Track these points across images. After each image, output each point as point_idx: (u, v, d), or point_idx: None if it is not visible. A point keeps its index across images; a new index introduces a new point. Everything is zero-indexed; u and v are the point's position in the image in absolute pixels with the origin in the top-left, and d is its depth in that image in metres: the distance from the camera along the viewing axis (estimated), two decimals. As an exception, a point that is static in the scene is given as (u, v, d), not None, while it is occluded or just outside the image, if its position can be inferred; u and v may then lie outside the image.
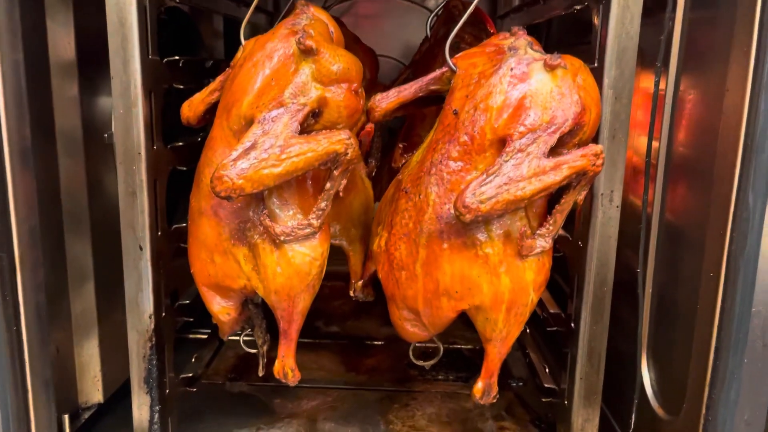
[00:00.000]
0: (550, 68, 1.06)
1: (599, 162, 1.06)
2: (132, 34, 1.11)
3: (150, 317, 1.22)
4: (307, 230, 1.13)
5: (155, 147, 1.21)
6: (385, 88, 2.18)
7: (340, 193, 1.14)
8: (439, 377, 1.78)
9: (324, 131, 1.10)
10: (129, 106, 1.14)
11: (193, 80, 1.39)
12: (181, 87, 1.30)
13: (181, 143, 1.31)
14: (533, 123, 1.05)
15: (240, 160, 1.04)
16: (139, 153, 1.15)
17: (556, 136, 1.05)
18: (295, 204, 1.14)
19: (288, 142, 1.06)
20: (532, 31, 1.99)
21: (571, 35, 1.73)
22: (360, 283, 1.42)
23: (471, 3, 1.52)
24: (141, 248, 1.19)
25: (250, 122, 1.09)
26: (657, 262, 1.28)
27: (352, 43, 1.54)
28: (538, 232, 1.11)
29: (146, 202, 1.17)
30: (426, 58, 1.52)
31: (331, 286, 1.91)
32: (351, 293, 1.48)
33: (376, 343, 1.99)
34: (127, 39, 1.11)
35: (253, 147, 1.05)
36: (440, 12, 1.55)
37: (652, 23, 1.16)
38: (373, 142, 1.57)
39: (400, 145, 1.28)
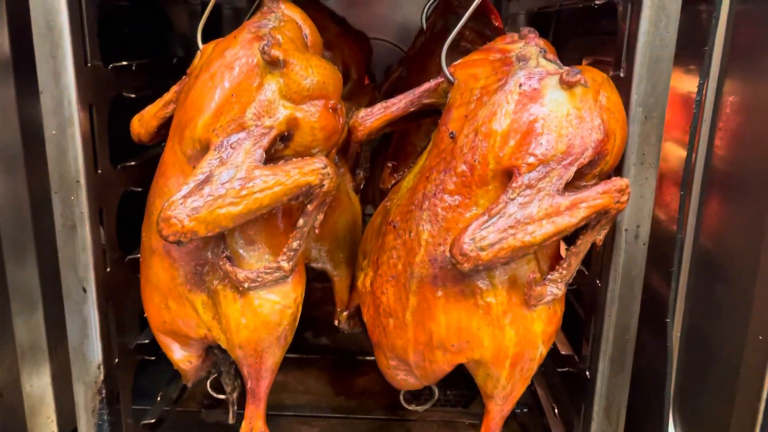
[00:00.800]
0: (568, 86, 0.87)
1: (624, 199, 0.88)
2: (63, 40, 0.92)
3: (99, 367, 1.05)
4: (277, 274, 0.95)
5: (99, 171, 1.03)
6: (379, 77, 2.01)
7: (316, 230, 0.97)
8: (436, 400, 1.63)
9: (295, 160, 0.91)
10: (63, 125, 0.95)
11: (155, 84, 1.20)
12: (133, 96, 1.11)
13: (134, 162, 1.13)
14: (546, 153, 0.86)
15: (191, 197, 0.86)
16: (78, 181, 0.97)
17: (573, 169, 0.87)
18: (263, 242, 0.97)
19: (250, 174, 0.88)
20: (541, 20, 1.79)
21: (586, 25, 1.52)
22: (345, 313, 1.26)
23: (473, -9, 1.32)
24: (84, 290, 1.02)
25: (205, 147, 0.91)
26: (689, 297, 1.10)
27: (338, 27, 1.34)
28: (549, 277, 0.94)
29: (89, 237, 1.00)
30: (421, 55, 1.32)
31: (323, 288, 1.74)
32: (336, 323, 1.32)
33: (368, 358, 1.83)
34: (58, 45, 0.92)
35: (207, 180, 0.87)
36: (437, 1, 1.35)
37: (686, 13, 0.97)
38: (362, 151, 1.38)
39: (389, 164, 1.10)
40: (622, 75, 0.96)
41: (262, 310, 0.96)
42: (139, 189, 1.14)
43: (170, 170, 0.95)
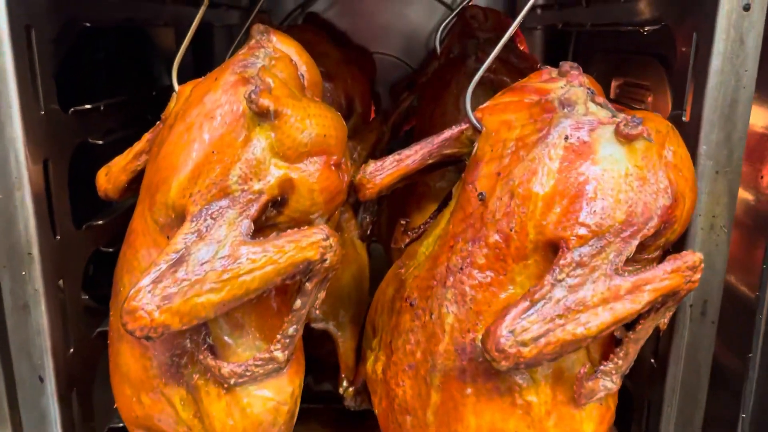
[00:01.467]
0: (626, 139, 0.70)
1: (697, 277, 0.71)
2: (6, 85, 0.75)
3: (60, 468, 0.89)
4: (270, 366, 0.78)
5: (59, 237, 0.86)
6: (383, 94, 1.84)
7: (317, 311, 0.80)
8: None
9: (290, 231, 0.74)
10: (10, 188, 0.79)
11: (132, 123, 1.03)
12: (100, 142, 0.95)
13: (101, 222, 0.96)
14: (600, 223, 0.70)
15: (162, 282, 0.69)
16: (30, 253, 0.81)
17: (635, 242, 0.70)
18: (253, 327, 0.80)
19: (235, 252, 0.71)
20: (559, 33, 1.60)
21: (616, 42, 1.35)
22: (351, 389, 1.09)
23: (495, 12, 1.16)
24: (41, 379, 0.85)
25: (181, 216, 0.75)
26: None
27: (339, 53, 1.17)
28: (602, 368, 0.77)
29: (45, 318, 0.83)
30: (435, 84, 1.15)
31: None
32: (340, 391, 1.15)
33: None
34: (1, 93, 0.76)
35: (182, 260, 0.70)
36: (453, 21, 1.18)
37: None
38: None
39: (402, 222, 0.93)
40: (684, 119, 0.79)
41: (252, 410, 0.79)
42: (110, 249, 0.98)
43: (140, 241, 0.79)
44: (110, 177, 0.88)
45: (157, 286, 0.69)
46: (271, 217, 0.77)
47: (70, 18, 0.88)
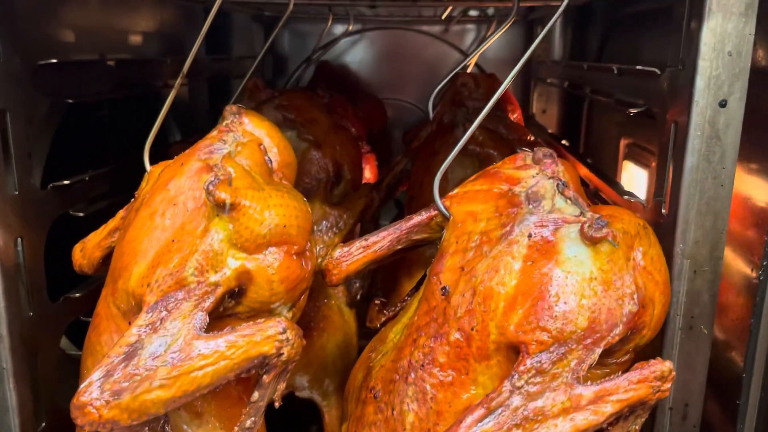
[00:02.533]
0: (591, 242, 0.67)
1: (666, 387, 0.67)
2: (-25, 171, 0.77)
3: None
4: (227, 458, 0.77)
5: (32, 312, 0.87)
6: (398, 137, 1.83)
7: (276, 404, 0.78)
8: None
9: (245, 325, 0.73)
10: (-22, 269, 0.80)
11: (121, 190, 1.03)
12: (81, 214, 0.96)
13: (78, 294, 0.96)
14: (562, 329, 0.67)
15: (113, 376, 0.69)
16: (-2, 333, 0.82)
17: (599, 350, 0.67)
18: (213, 415, 0.79)
19: (187, 347, 0.70)
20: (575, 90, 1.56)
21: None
22: (335, 464, 1.07)
23: (487, 78, 1.14)
24: (10, 457, 0.86)
25: (140, 304, 0.74)
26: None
27: (329, 119, 1.16)
28: (570, 473, 0.73)
29: (14, 396, 0.84)
30: (425, 150, 1.14)
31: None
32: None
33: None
34: (-30, 178, 0.77)
35: (134, 353, 0.70)
36: (446, 87, 1.16)
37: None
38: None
39: (377, 301, 0.91)
40: (664, 211, 0.76)
41: (209, 502, 0.78)
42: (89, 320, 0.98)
43: (103, 325, 0.78)
44: (85, 253, 0.88)
45: (107, 380, 0.69)
46: (229, 308, 0.75)
47: (51, 97, 0.89)
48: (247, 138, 0.82)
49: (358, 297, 1.22)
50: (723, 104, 0.68)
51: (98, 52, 1.11)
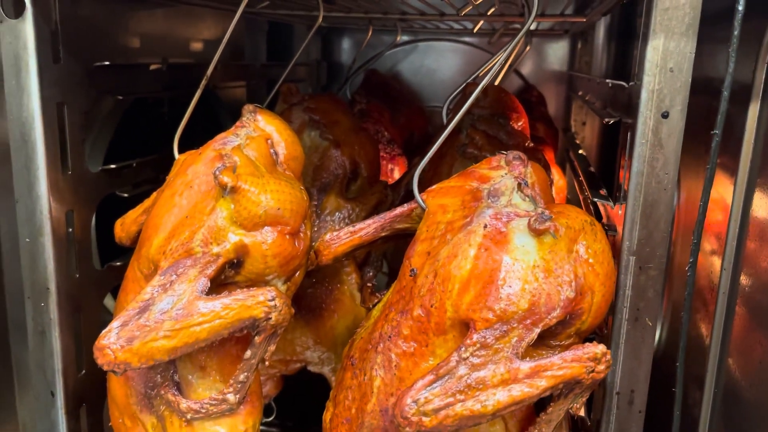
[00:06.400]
0: (536, 233, 0.76)
1: (601, 368, 0.75)
2: (36, 153, 0.93)
3: (64, 472, 1.04)
4: (223, 406, 0.89)
5: (78, 275, 1.03)
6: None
7: (266, 362, 0.90)
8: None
9: (240, 290, 0.85)
10: (35, 234, 0.96)
11: (157, 180, 1.20)
12: (125, 196, 1.11)
13: (119, 263, 1.12)
14: (505, 309, 0.75)
15: (128, 325, 0.82)
16: (48, 288, 0.97)
17: (537, 330, 0.75)
18: (214, 370, 0.92)
19: (190, 307, 0.83)
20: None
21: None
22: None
23: (496, 88, 1.22)
24: (53, 394, 1.01)
25: (157, 269, 0.88)
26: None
27: (350, 121, 1.28)
28: (517, 445, 0.81)
29: (58, 343, 0.99)
30: (436, 154, 1.23)
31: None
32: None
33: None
34: (31, 158, 0.93)
35: (146, 308, 0.83)
36: (458, 96, 1.25)
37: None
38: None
39: (369, 284, 1.01)
40: (620, 213, 0.83)
41: (206, 443, 0.91)
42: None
43: (130, 286, 0.93)
44: (124, 227, 1.03)
45: (123, 329, 0.83)
46: (229, 276, 0.88)
47: (102, 93, 1.05)
48: (258, 133, 0.94)
49: (370, 284, 1.33)
50: (665, 115, 0.74)
51: (153, 56, 1.28)
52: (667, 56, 0.73)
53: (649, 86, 0.74)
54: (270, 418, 1.32)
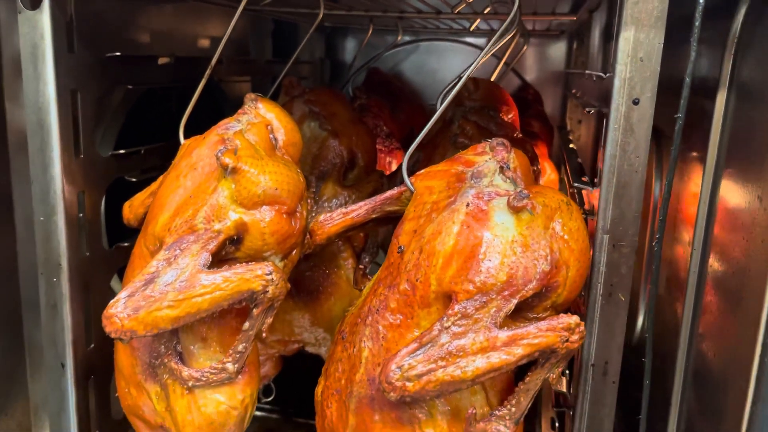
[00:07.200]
0: (514, 210, 0.81)
1: (575, 338, 0.80)
2: (50, 137, 0.99)
3: (73, 439, 1.10)
4: (222, 375, 0.95)
5: (88, 253, 1.09)
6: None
7: (264, 333, 0.96)
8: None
9: (240, 264, 0.91)
10: (49, 213, 1.02)
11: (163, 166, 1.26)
12: (134, 180, 1.17)
13: (127, 244, 1.18)
14: (485, 281, 0.80)
15: (135, 296, 0.88)
16: (60, 264, 1.03)
17: (515, 301, 0.80)
18: (215, 340, 0.97)
19: (192, 279, 0.89)
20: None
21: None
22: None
23: (487, 83, 1.28)
24: (63, 366, 1.07)
25: (162, 245, 0.93)
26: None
27: (349, 113, 1.34)
28: (497, 413, 0.86)
29: (68, 317, 1.05)
30: (430, 144, 1.29)
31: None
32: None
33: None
34: (46, 142, 0.99)
35: (152, 280, 0.89)
36: (453, 86, 1.31)
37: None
38: (369, 234, 1.36)
39: (360, 266, 1.06)
40: (590, 190, 0.88)
41: (206, 410, 0.96)
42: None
43: (137, 262, 0.99)
44: (132, 209, 1.10)
45: (130, 299, 0.88)
46: (230, 252, 0.94)
47: (113, 82, 1.11)
48: (259, 119, 1.00)
49: (367, 269, 1.39)
50: (636, 102, 0.79)
51: (162, 49, 1.34)
52: (637, 47, 0.78)
53: (621, 75, 0.79)
54: (269, 398, 1.37)
